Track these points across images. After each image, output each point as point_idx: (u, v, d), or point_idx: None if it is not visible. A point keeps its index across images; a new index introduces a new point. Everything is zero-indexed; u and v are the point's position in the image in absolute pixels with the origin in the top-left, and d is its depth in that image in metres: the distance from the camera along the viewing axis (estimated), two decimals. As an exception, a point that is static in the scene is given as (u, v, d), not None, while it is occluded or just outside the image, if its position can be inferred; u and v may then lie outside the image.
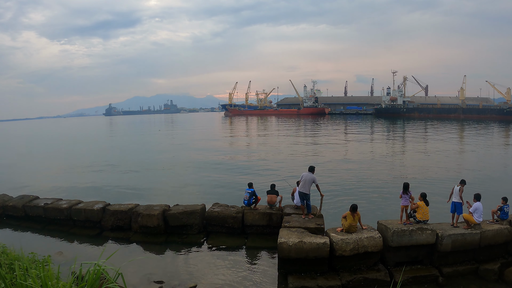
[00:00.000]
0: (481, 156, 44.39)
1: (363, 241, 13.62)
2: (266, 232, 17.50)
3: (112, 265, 7.89)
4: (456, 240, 14.17)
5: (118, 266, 7.70)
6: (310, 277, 13.33)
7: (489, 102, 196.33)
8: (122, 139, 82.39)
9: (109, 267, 7.71)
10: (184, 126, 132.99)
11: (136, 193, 26.63)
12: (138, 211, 18.29)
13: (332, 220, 17.76)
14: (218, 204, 19.08)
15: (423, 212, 14.61)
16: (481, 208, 14.92)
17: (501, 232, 14.86)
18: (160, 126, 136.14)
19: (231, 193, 25.75)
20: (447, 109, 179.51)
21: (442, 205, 22.24)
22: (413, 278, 13.64)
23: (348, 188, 27.17)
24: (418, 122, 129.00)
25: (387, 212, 20.11)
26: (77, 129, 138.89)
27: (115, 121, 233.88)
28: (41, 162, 44.80)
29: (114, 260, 11.84)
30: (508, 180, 29.39)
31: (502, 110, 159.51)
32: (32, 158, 48.97)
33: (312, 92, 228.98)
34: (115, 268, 7.50)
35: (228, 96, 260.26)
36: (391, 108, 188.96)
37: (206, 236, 17.87)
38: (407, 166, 37.27)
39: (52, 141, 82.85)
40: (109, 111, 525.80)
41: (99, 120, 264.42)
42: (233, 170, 35.48)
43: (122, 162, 42.79)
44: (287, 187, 20.81)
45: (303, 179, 16.45)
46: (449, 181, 29.16)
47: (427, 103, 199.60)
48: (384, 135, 79.09)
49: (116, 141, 78.13)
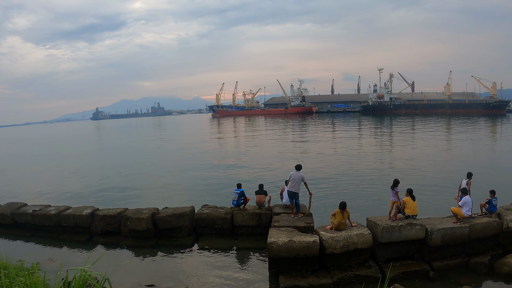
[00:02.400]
0: (469, 150, 44.72)
1: (353, 238, 13.61)
2: (256, 233, 17.45)
3: (99, 270, 7.84)
4: (446, 234, 14.21)
5: (107, 271, 7.64)
6: (301, 276, 13.30)
7: (475, 97, 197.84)
8: (109, 143, 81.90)
9: (95, 273, 7.65)
10: (172, 129, 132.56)
11: (125, 197, 26.47)
12: (127, 215, 18.16)
13: (322, 218, 17.74)
14: (207, 206, 19.02)
15: (411, 206, 14.65)
16: (470, 201, 15.01)
17: (490, 225, 14.94)
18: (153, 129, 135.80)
19: (220, 194, 25.68)
20: (434, 104, 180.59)
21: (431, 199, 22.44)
22: (404, 274, 13.66)
23: (337, 186, 27.22)
24: (405, 119, 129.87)
25: (377, 208, 20.14)
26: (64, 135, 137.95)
27: (102, 125, 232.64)
28: (29, 168, 44.39)
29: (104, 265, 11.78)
30: (496, 173, 29.59)
31: (488, 104, 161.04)
32: (19, 165, 48.51)
33: (299, 91, 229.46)
34: (102, 273, 7.45)
35: (215, 97, 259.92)
36: (378, 105, 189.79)
37: (196, 238, 17.79)
38: (396, 163, 37.38)
39: (39, 147, 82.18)
40: (96, 115, 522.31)
41: (87, 125, 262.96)
42: (221, 171, 35.40)
43: (110, 166, 42.55)
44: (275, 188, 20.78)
45: (292, 178, 16.42)
46: (438, 176, 29.42)
47: (413, 99, 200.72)
48: (371, 132, 79.36)
49: (104, 145, 77.66)
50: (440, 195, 23.36)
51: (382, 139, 64.30)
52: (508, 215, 15.27)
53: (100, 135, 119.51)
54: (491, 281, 13.55)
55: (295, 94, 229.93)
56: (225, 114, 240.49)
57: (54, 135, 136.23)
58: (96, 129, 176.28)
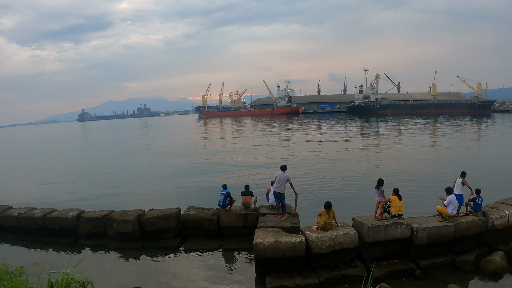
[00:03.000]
0: (454, 150, 44.96)
1: (339, 238, 13.62)
2: (242, 233, 17.42)
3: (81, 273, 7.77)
4: (432, 233, 14.30)
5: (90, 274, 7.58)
6: (287, 277, 13.28)
7: (460, 97, 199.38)
8: (95, 144, 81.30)
9: (78, 276, 7.58)
10: (158, 130, 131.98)
11: (111, 199, 26.31)
12: (113, 217, 18.04)
13: (308, 218, 17.73)
14: (193, 207, 18.94)
15: (396, 206, 14.69)
16: (455, 200, 15.15)
17: (475, 223, 15.05)
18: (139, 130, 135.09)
19: (205, 195, 25.57)
20: (420, 105, 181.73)
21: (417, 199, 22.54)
22: (390, 273, 13.72)
23: (322, 186, 27.30)
24: (391, 119, 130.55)
25: (362, 208, 20.20)
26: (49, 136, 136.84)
27: (88, 126, 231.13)
28: (13, 170, 43.97)
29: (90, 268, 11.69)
30: (481, 172, 29.79)
31: (474, 104, 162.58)
32: (3, 167, 48.07)
33: (285, 92, 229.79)
34: (84, 276, 7.38)
35: (201, 98, 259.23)
36: (364, 105, 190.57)
37: (182, 240, 17.71)
38: (382, 163, 37.57)
39: (24, 149, 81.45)
40: (82, 116, 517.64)
41: (72, 126, 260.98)
42: (207, 172, 35.32)
43: (95, 167, 42.26)
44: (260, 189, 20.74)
45: (278, 179, 16.41)
46: (423, 175, 29.59)
47: (399, 99, 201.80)
48: (357, 133, 79.65)
49: (89, 146, 77.07)
50: (426, 194, 23.50)
51: (367, 139, 64.53)
52: (493, 214, 15.41)
53: (85, 137, 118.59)
54: (477, 279, 13.69)
55: (281, 94, 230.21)
56: (212, 115, 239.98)
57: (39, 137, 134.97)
58: (82, 130, 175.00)
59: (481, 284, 13.39)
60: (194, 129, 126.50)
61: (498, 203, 16.84)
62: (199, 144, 68.12)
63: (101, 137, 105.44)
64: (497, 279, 13.49)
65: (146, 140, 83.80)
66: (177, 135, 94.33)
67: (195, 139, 78.86)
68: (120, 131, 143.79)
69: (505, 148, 46.54)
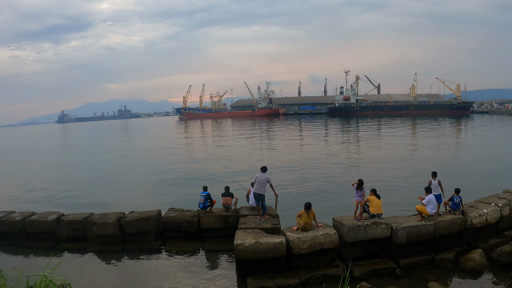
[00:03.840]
0: (433, 150, 45.46)
1: (319, 238, 13.67)
2: (223, 235, 17.39)
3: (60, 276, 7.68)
4: (411, 232, 14.45)
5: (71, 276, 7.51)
6: (269, 277, 13.30)
7: (439, 98, 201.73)
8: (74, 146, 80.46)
9: (56, 278, 7.49)
10: (139, 132, 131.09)
11: (91, 201, 26.03)
12: (93, 220, 17.85)
13: (288, 219, 17.75)
14: (173, 209, 18.83)
15: (375, 205, 14.79)
16: (434, 200, 15.36)
17: (454, 222, 15.26)
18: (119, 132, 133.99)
19: (186, 197, 25.52)
20: (400, 106, 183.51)
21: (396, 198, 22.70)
22: (371, 272, 13.84)
23: (302, 187, 27.40)
24: (371, 120, 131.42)
25: (342, 208, 20.28)
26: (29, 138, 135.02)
27: (68, 128, 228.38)
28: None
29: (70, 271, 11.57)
30: (460, 171, 30.20)
31: (453, 105, 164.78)
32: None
33: (266, 94, 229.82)
34: (63, 279, 7.30)
35: (182, 100, 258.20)
36: (345, 107, 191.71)
37: (163, 242, 17.61)
38: (361, 163, 37.77)
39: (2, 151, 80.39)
40: (61, 118, 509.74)
41: (52, 128, 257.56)
42: (187, 174, 35.19)
43: (75, 170, 41.84)
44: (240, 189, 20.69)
45: (258, 180, 16.43)
46: (403, 175, 29.83)
47: (379, 101, 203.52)
48: (337, 134, 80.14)
49: (69, 148, 76.24)
50: (405, 194, 23.67)
51: (348, 140, 64.97)
52: (471, 212, 15.64)
53: (65, 139, 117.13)
54: (457, 277, 13.87)
55: (262, 96, 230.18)
56: (192, 117, 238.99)
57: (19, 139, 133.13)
58: (62, 132, 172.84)
59: (460, 282, 13.55)
60: (175, 130, 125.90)
61: (476, 202, 17.11)
62: (179, 145, 67.76)
63: (80, 139, 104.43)
64: (477, 276, 13.69)
65: (126, 142, 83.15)
66: (158, 137, 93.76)
67: (175, 141, 78.45)
68: (100, 133, 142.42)
69: (484, 148, 47.18)
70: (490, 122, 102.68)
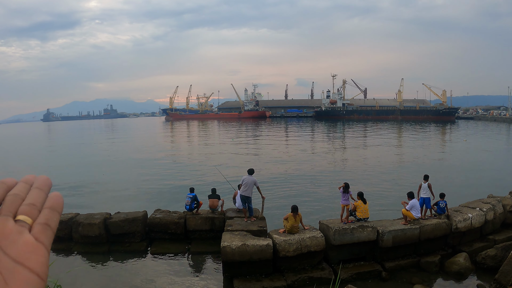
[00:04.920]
0: (418, 155, 45.67)
1: (306, 241, 13.70)
2: (209, 237, 17.33)
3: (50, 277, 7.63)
4: (397, 236, 14.55)
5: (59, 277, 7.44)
6: (255, 279, 13.29)
7: (425, 104, 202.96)
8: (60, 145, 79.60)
9: (46, 279, 7.44)
10: (124, 132, 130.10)
11: (76, 201, 25.74)
12: (79, 221, 17.69)
13: (275, 222, 17.78)
14: (160, 210, 18.74)
15: (362, 210, 14.89)
16: (418, 204, 15.56)
17: (439, 226, 15.40)
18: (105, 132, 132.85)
19: (172, 198, 25.40)
20: (386, 110, 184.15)
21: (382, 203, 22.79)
22: (357, 274, 13.91)
23: (289, 190, 27.39)
24: (357, 124, 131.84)
25: (329, 212, 20.34)
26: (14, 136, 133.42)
27: (53, 127, 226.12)
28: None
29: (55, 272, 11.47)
30: (445, 176, 30.38)
31: (438, 111, 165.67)
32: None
33: (253, 96, 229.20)
34: (54, 280, 7.24)
35: (169, 100, 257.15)
36: (331, 110, 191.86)
37: (149, 243, 17.51)
38: (347, 167, 37.92)
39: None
40: (47, 116, 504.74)
41: (37, 126, 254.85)
42: (174, 175, 35.03)
43: (60, 169, 41.34)
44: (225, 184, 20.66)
45: (245, 182, 16.45)
46: (388, 179, 29.95)
47: (366, 105, 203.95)
48: (323, 137, 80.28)
49: (54, 147, 75.35)
50: (392, 198, 23.76)
51: (334, 143, 65.13)
52: (456, 217, 15.79)
53: (50, 138, 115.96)
54: (442, 279, 14.00)
55: (249, 98, 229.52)
56: (179, 118, 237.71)
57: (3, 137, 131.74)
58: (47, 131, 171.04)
59: (445, 284, 13.69)
60: (161, 131, 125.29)
61: (461, 207, 17.28)
62: (166, 147, 67.50)
63: (66, 138, 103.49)
64: (461, 279, 13.83)
65: (113, 142, 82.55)
66: (144, 138, 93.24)
67: (162, 142, 78.13)
68: (86, 132, 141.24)
69: (468, 153, 47.52)
70: (475, 128, 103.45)
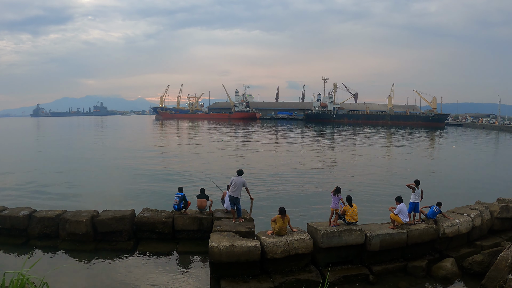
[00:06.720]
0: (407, 159, 45.94)
1: (294, 243, 13.72)
2: (197, 237, 17.31)
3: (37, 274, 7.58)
4: (384, 240, 14.61)
5: (44, 275, 7.38)
6: (242, 281, 13.29)
7: (415, 110, 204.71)
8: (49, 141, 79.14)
9: (33, 276, 7.39)
10: (114, 130, 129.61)
11: (64, 198, 25.65)
12: (66, 218, 17.57)
13: (263, 223, 17.79)
14: (148, 209, 18.65)
15: (351, 214, 14.94)
16: (405, 209, 15.68)
17: (427, 231, 15.52)
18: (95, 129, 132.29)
19: (161, 197, 25.34)
20: (376, 115, 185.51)
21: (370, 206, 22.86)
22: (344, 278, 13.95)
23: (278, 191, 27.49)
24: (348, 128, 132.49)
25: (317, 214, 20.41)
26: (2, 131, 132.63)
27: (43, 123, 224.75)
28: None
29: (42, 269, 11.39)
30: (433, 182, 30.62)
31: (428, 117, 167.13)
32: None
33: (243, 97, 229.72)
34: (40, 278, 7.20)
35: (159, 99, 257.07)
36: (321, 114, 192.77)
37: (136, 242, 17.40)
38: (336, 170, 38.04)
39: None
40: (36, 112, 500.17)
41: (26, 122, 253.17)
42: (163, 175, 34.95)
43: (48, 165, 41.13)
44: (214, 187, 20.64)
45: (234, 183, 16.46)
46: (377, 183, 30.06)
47: (356, 109, 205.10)
48: (313, 140, 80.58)
49: (43, 143, 74.83)
50: (380, 202, 23.86)
51: (323, 146, 65.38)
52: (444, 222, 15.96)
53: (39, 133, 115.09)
54: (429, 284, 14.11)
55: (239, 99, 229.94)
56: (169, 117, 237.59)
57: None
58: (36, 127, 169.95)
59: (432, 289, 13.73)
60: (151, 130, 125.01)
61: (449, 212, 17.43)
62: (155, 146, 67.31)
63: (55, 135, 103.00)
64: (448, 284, 13.97)
65: (102, 140, 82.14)
66: (134, 136, 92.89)
67: (151, 141, 77.92)
68: (75, 129, 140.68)
69: (457, 160, 47.87)
70: (464, 135, 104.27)
